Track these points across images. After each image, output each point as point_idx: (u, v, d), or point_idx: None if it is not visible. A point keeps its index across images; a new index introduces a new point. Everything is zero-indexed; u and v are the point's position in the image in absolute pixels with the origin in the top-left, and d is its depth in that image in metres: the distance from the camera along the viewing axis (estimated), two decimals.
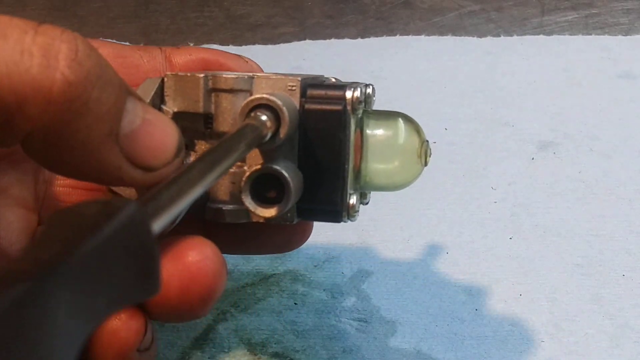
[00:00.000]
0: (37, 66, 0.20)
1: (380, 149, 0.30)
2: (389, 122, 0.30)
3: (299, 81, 0.28)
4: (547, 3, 0.71)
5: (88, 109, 0.21)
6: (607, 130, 0.54)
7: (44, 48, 0.20)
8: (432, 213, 0.47)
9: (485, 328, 0.40)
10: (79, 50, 0.21)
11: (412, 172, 0.31)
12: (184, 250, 0.25)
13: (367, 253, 0.44)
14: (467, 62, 0.63)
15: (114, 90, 0.22)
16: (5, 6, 0.72)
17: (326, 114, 0.28)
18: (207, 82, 0.28)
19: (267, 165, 0.27)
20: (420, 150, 0.31)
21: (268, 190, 0.28)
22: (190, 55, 0.33)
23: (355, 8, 0.71)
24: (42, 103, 0.20)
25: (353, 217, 0.30)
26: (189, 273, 0.25)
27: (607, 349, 0.39)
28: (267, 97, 0.26)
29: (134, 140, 0.23)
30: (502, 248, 0.45)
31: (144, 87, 0.29)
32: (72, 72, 0.21)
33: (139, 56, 0.32)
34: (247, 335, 0.39)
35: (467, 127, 0.55)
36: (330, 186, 0.29)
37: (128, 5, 0.73)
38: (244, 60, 0.34)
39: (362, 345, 0.39)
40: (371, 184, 0.31)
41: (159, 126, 0.24)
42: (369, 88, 0.30)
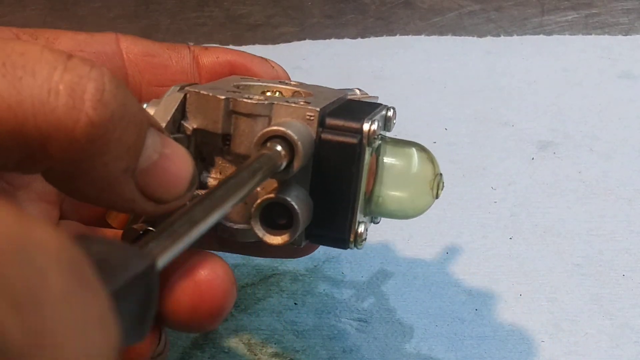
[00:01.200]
0: (63, 106, 0.20)
1: (393, 176, 0.30)
2: (404, 150, 0.31)
3: (317, 112, 0.28)
4: (547, 3, 0.71)
5: (108, 149, 0.21)
6: (607, 130, 0.54)
7: (71, 87, 0.20)
8: (432, 213, 0.47)
9: (485, 328, 0.40)
10: (106, 90, 0.21)
11: (423, 202, 0.31)
12: (195, 267, 0.25)
13: (367, 253, 0.44)
14: (467, 62, 0.63)
15: (136, 129, 0.22)
16: (5, 6, 0.72)
17: (342, 146, 0.28)
18: (228, 104, 0.28)
19: (279, 196, 0.27)
20: (433, 182, 0.31)
21: (278, 217, 0.28)
22: (217, 57, 0.33)
23: (355, 8, 0.71)
24: (64, 142, 0.20)
25: (360, 245, 0.30)
26: (200, 291, 0.25)
27: (607, 349, 0.39)
28: (283, 130, 0.26)
29: (149, 175, 0.23)
30: (502, 248, 0.45)
31: (167, 101, 0.29)
32: (97, 114, 0.21)
33: (168, 56, 0.32)
34: (247, 335, 0.39)
35: (467, 127, 0.55)
36: (340, 215, 0.29)
37: (128, 5, 0.73)
38: (270, 65, 0.34)
39: (362, 345, 0.39)
40: (382, 209, 0.31)
41: (176, 161, 0.24)
42: (390, 111, 0.31)
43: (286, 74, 0.34)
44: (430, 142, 0.54)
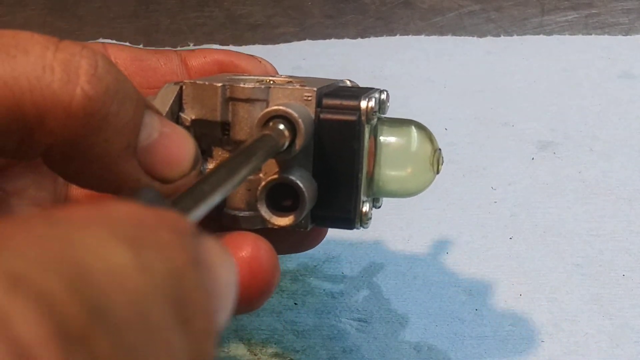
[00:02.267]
0: (58, 81, 0.21)
1: (393, 155, 0.31)
2: (402, 129, 0.31)
3: (314, 91, 0.28)
4: (547, 3, 0.71)
5: (107, 123, 0.22)
6: (607, 130, 0.54)
7: (65, 63, 0.21)
8: (432, 213, 0.47)
9: (485, 328, 0.40)
10: (99, 65, 0.21)
11: (424, 179, 0.31)
12: (242, 246, 0.26)
13: (367, 253, 0.44)
14: (467, 62, 0.63)
15: (132, 104, 0.22)
16: (5, 6, 0.72)
17: (341, 124, 0.28)
18: (225, 91, 0.29)
19: (283, 176, 0.28)
20: (433, 157, 0.31)
21: (283, 198, 0.28)
22: (205, 57, 0.33)
23: (355, 8, 0.71)
24: (62, 117, 0.21)
25: (366, 224, 0.30)
26: (250, 268, 0.25)
27: (607, 349, 0.39)
28: (284, 109, 0.27)
29: (151, 153, 0.23)
30: (502, 248, 0.45)
31: (162, 94, 0.29)
32: (92, 87, 0.21)
33: (156, 59, 0.33)
34: (247, 335, 0.39)
35: (467, 127, 0.55)
36: (344, 194, 0.29)
37: (128, 5, 0.73)
38: (258, 61, 0.34)
39: (362, 345, 0.39)
40: (384, 189, 0.31)
41: (176, 139, 0.24)
42: (383, 94, 0.31)
43: (274, 70, 0.34)
44: None
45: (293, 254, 0.44)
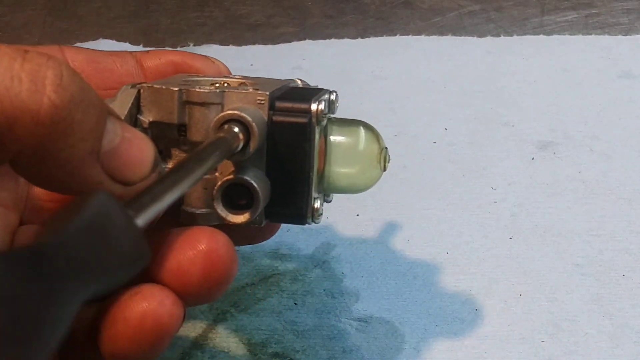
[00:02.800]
0: (26, 91, 0.22)
1: (342, 154, 0.32)
2: (350, 129, 0.33)
3: (267, 95, 0.30)
4: (547, 3, 0.71)
5: (72, 130, 0.23)
6: (607, 130, 0.54)
7: (32, 74, 0.22)
8: (432, 213, 0.47)
9: (485, 328, 0.40)
10: (64, 75, 0.23)
11: (372, 176, 0.33)
12: (201, 239, 0.27)
13: (367, 253, 0.44)
14: (467, 62, 0.63)
15: (96, 111, 0.24)
16: (5, 6, 0.72)
17: (293, 126, 0.30)
18: (182, 95, 0.30)
19: (238, 176, 0.29)
20: (380, 156, 0.33)
21: (238, 197, 0.29)
22: (159, 59, 0.35)
23: (355, 8, 0.71)
24: (30, 125, 0.22)
25: (317, 220, 0.32)
26: (210, 260, 0.26)
27: (607, 349, 0.39)
28: (238, 113, 0.28)
29: (113, 158, 0.25)
30: (502, 248, 0.45)
31: (121, 97, 0.30)
32: (58, 96, 0.22)
33: (112, 61, 0.34)
34: (247, 335, 0.39)
35: (467, 127, 0.55)
36: (296, 192, 0.31)
37: (128, 5, 0.73)
38: (211, 61, 0.35)
39: (362, 345, 0.39)
40: (334, 186, 0.33)
41: (137, 143, 0.25)
42: (332, 95, 0.32)
43: (227, 69, 0.36)
44: (430, 142, 0.54)
45: (293, 254, 0.44)
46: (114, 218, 0.21)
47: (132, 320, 0.25)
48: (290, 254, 0.44)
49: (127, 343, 0.25)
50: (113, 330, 0.25)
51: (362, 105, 0.58)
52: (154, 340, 0.26)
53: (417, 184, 0.50)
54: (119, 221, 0.21)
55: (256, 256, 0.44)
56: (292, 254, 0.44)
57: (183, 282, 0.26)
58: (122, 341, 0.25)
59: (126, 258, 0.21)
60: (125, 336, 0.25)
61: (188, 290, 0.26)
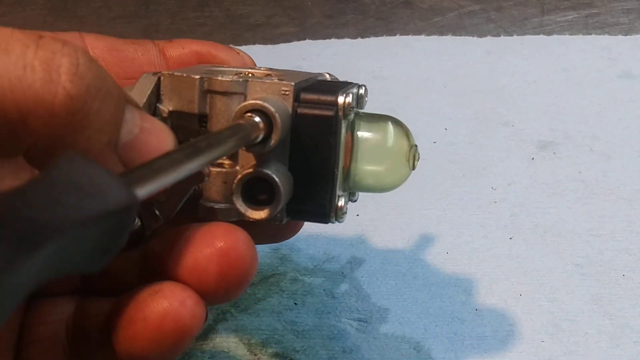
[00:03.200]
0: (39, 81, 0.20)
1: (369, 151, 0.31)
2: (379, 125, 0.31)
3: (292, 86, 0.28)
4: (547, 3, 0.71)
5: (89, 121, 0.21)
6: (607, 130, 0.54)
7: (46, 62, 0.21)
8: (432, 213, 0.47)
9: (485, 328, 0.40)
10: (80, 63, 0.21)
11: (400, 174, 0.32)
12: (219, 236, 0.26)
13: (367, 253, 0.44)
14: (467, 62, 0.63)
15: (114, 101, 0.22)
16: (5, 6, 0.72)
17: (318, 119, 0.29)
18: (203, 83, 0.29)
19: (259, 169, 0.28)
20: (409, 154, 0.31)
21: (259, 192, 0.28)
22: (183, 48, 0.33)
23: (355, 8, 0.71)
24: (45, 116, 0.21)
25: (341, 219, 0.31)
26: (228, 258, 0.25)
27: (607, 349, 0.38)
28: (261, 103, 0.27)
29: (132, 149, 0.23)
30: (502, 248, 0.45)
31: (140, 85, 0.29)
32: (74, 86, 0.21)
33: (134, 50, 0.32)
34: (247, 335, 0.39)
35: (467, 127, 0.55)
36: (320, 188, 0.29)
37: (128, 5, 0.73)
38: (236, 52, 0.34)
39: (362, 345, 0.39)
40: (360, 184, 0.31)
41: (156, 134, 0.24)
42: (361, 89, 0.31)
43: (252, 61, 0.35)
44: (430, 142, 0.54)
45: (293, 254, 0.44)
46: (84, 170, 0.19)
47: (152, 320, 0.24)
48: (290, 254, 0.44)
49: (146, 343, 0.24)
50: (131, 330, 0.24)
51: None
52: (174, 341, 0.24)
53: (417, 184, 0.50)
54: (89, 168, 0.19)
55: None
56: (292, 254, 0.44)
57: (200, 280, 0.25)
58: (140, 341, 0.24)
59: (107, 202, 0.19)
60: (144, 336, 0.24)
61: (205, 289, 0.25)
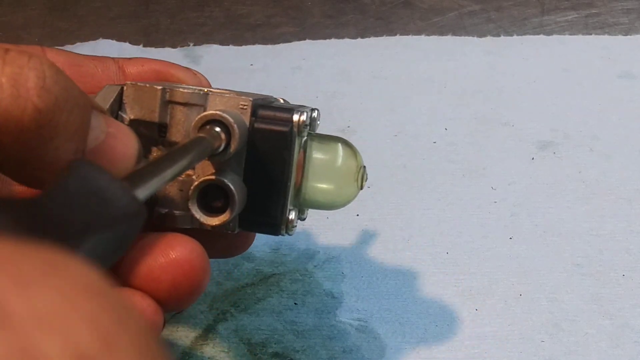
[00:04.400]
0: (8, 97, 0.21)
1: (320, 169, 0.32)
2: (329, 145, 0.33)
3: (250, 101, 0.30)
4: (547, 3, 0.71)
5: (57, 132, 0.22)
6: (607, 130, 0.54)
7: (13, 78, 0.21)
8: (432, 213, 0.47)
9: (485, 328, 0.40)
10: (47, 76, 0.22)
11: (348, 193, 0.33)
12: (173, 246, 0.27)
13: (367, 253, 0.44)
14: (467, 62, 0.63)
15: (80, 110, 0.23)
16: (5, 6, 0.72)
17: (273, 134, 0.30)
18: (165, 94, 0.30)
19: (216, 177, 0.29)
20: (357, 174, 0.33)
21: (214, 199, 0.29)
22: (142, 66, 0.34)
23: (355, 8, 0.71)
24: (15, 131, 0.21)
25: (291, 231, 0.32)
26: (181, 269, 0.26)
27: (607, 349, 0.39)
28: (220, 113, 0.28)
29: (98, 154, 0.24)
30: (502, 248, 0.45)
31: (103, 94, 0.30)
32: (42, 100, 0.21)
33: (94, 65, 0.33)
34: (247, 335, 0.39)
35: (467, 127, 0.55)
36: (272, 201, 0.31)
37: (128, 5, 0.73)
38: (193, 73, 0.35)
39: (362, 345, 0.39)
40: (310, 201, 0.33)
41: (121, 138, 0.25)
42: (314, 112, 0.32)
43: (208, 83, 0.36)
44: (430, 142, 0.54)
45: (293, 254, 0.44)
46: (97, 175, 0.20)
47: None
48: (290, 254, 0.44)
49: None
50: None
51: (362, 105, 0.58)
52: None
53: (417, 184, 0.50)
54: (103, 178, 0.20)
55: (256, 256, 0.44)
56: (292, 254, 0.44)
57: (152, 288, 0.26)
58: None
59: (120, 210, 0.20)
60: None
61: (157, 297, 0.26)
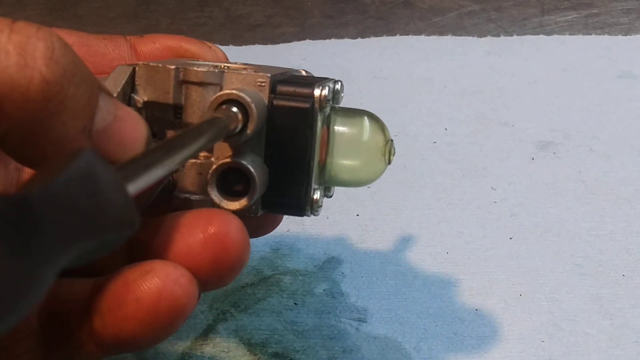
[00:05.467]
0: (14, 65, 0.20)
1: (345, 145, 0.31)
2: (355, 119, 0.31)
3: (268, 77, 0.28)
4: (547, 3, 0.71)
5: (64, 106, 0.21)
6: (607, 130, 0.54)
7: (21, 46, 0.20)
8: (432, 213, 0.47)
9: (485, 328, 0.40)
10: (55, 48, 0.21)
11: (376, 169, 0.32)
12: (211, 221, 0.25)
13: (367, 253, 0.44)
14: (467, 62, 0.63)
15: (88, 87, 0.22)
16: (5, 6, 0.72)
17: (294, 111, 0.28)
18: (178, 74, 0.29)
19: (235, 160, 0.28)
20: (385, 148, 0.31)
21: (234, 183, 0.28)
22: (154, 43, 0.33)
23: (355, 8, 0.71)
24: (20, 101, 0.20)
25: (316, 212, 0.30)
26: (222, 243, 0.25)
27: (607, 349, 0.39)
28: (236, 92, 0.27)
29: (106, 136, 0.23)
30: (502, 248, 0.45)
31: (115, 75, 0.29)
32: (50, 71, 0.21)
33: (104, 45, 0.32)
34: (247, 335, 0.39)
35: (467, 127, 0.55)
36: (295, 181, 0.29)
37: (128, 5, 0.73)
38: (207, 46, 0.34)
39: (362, 345, 0.39)
40: (335, 178, 0.31)
41: (129, 122, 0.24)
42: (337, 84, 0.31)
43: (225, 56, 0.34)
44: (430, 142, 0.54)
45: (293, 254, 0.44)
46: (101, 176, 0.19)
47: (146, 300, 0.24)
48: (290, 254, 0.44)
49: (138, 325, 0.24)
50: (121, 312, 0.24)
51: (362, 105, 0.57)
52: (169, 322, 0.24)
53: (417, 184, 0.50)
54: (106, 179, 0.19)
55: (256, 256, 0.44)
56: (292, 254, 0.44)
57: (193, 266, 0.25)
58: (132, 323, 0.24)
59: (115, 219, 0.19)
60: (136, 318, 0.24)
61: (198, 275, 0.25)
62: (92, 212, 0.19)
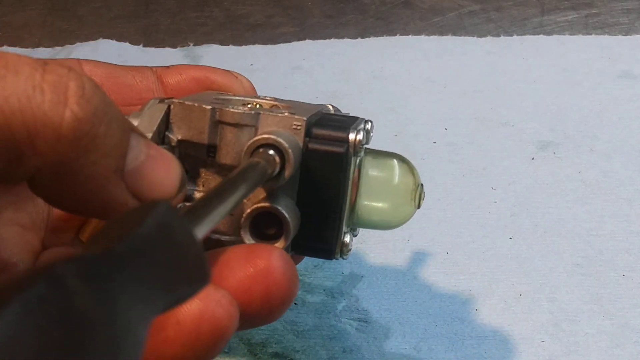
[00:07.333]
0: (48, 102, 0.21)
1: (375, 187, 0.31)
2: (385, 162, 0.31)
3: (304, 121, 0.28)
4: (547, 3, 0.71)
5: (95, 145, 0.21)
6: (607, 130, 0.54)
7: (54, 85, 0.21)
8: (432, 213, 0.47)
9: (485, 328, 0.40)
10: (86, 87, 0.21)
11: (405, 212, 0.31)
12: (259, 255, 0.25)
13: (367, 253, 0.44)
14: (467, 62, 0.63)
15: (119, 126, 0.22)
16: (5, 6, 0.72)
17: (329, 155, 0.28)
18: (215, 114, 0.28)
19: (269, 204, 0.27)
20: (415, 192, 0.31)
21: (267, 227, 0.28)
22: (180, 74, 0.33)
23: (355, 8, 0.71)
24: (52, 139, 0.21)
25: (345, 255, 0.30)
26: (272, 277, 0.25)
27: (607, 349, 0.39)
28: (274, 137, 0.27)
29: (138, 176, 0.23)
30: (502, 248, 0.45)
31: (149, 112, 0.29)
32: (81, 109, 0.21)
33: (132, 76, 0.33)
34: (247, 335, 0.39)
35: (467, 127, 0.55)
36: (326, 224, 0.29)
37: (128, 5, 0.73)
38: (234, 76, 0.34)
39: (362, 345, 0.39)
40: (364, 220, 0.31)
41: (162, 162, 0.24)
42: (367, 124, 0.31)
43: (250, 85, 0.34)
44: (430, 142, 0.54)
45: None
46: (176, 230, 0.19)
47: (187, 323, 0.23)
48: None
49: (180, 349, 0.23)
50: (162, 336, 0.23)
51: (362, 105, 0.58)
52: (211, 344, 0.24)
53: None
54: (181, 234, 0.19)
55: None
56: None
57: (244, 301, 0.25)
58: (173, 347, 0.23)
59: (189, 274, 0.19)
60: (177, 342, 0.23)
61: (249, 309, 0.25)
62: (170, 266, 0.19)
